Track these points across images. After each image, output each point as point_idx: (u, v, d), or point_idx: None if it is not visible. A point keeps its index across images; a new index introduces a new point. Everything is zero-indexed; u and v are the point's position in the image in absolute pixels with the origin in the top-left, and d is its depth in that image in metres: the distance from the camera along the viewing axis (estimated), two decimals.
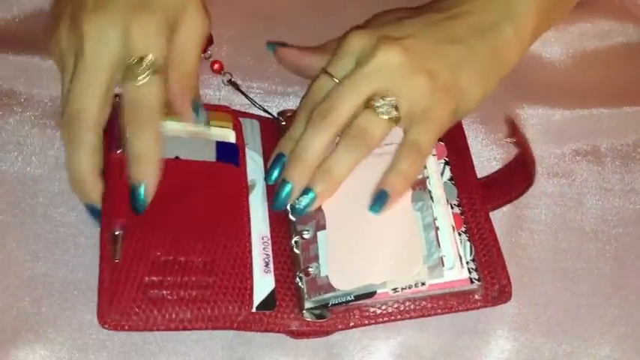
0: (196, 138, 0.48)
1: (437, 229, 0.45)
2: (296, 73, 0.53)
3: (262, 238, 0.47)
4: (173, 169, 0.45)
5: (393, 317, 0.45)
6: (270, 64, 0.56)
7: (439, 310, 0.45)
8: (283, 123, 0.52)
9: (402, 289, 0.44)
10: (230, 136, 0.49)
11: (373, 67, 0.44)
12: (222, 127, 0.49)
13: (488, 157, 0.54)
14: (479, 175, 0.51)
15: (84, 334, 0.46)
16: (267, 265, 0.46)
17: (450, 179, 0.48)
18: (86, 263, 0.48)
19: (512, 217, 0.51)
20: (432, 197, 0.46)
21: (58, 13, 0.47)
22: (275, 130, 0.52)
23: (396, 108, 0.44)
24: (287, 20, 0.59)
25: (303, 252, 0.46)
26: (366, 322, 0.46)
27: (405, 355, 0.47)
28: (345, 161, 0.44)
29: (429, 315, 0.46)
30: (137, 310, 0.42)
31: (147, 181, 0.43)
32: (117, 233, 0.43)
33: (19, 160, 0.50)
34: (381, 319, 0.46)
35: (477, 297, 0.46)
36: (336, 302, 0.44)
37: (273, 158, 0.47)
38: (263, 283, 0.45)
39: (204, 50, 0.55)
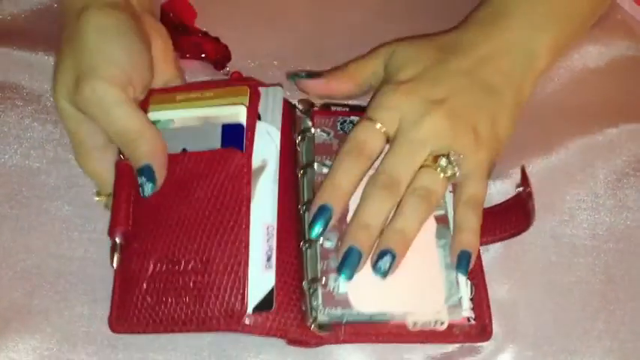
0: (205, 124, 0.46)
1: (457, 274, 0.45)
2: (322, 99, 0.53)
3: (267, 228, 0.44)
4: (179, 164, 0.45)
5: (380, 338, 0.45)
6: (270, 67, 0.57)
7: (425, 339, 0.45)
8: (300, 109, 0.52)
9: (422, 324, 0.44)
10: (240, 115, 0.46)
11: (425, 134, 0.45)
12: (236, 103, 0.47)
13: None
14: None
15: (74, 326, 0.46)
16: (269, 259, 0.43)
17: None
18: (79, 257, 0.49)
19: None
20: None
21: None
22: (289, 111, 0.51)
23: (458, 165, 0.45)
24: (288, 23, 0.59)
25: (321, 261, 0.45)
26: (355, 339, 0.45)
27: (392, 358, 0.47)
28: (416, 222, 0.45)
29: (414, 342, 0.46)
30: (140, 315, 0.42)
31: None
32: (117, 241, 0.44)
33: (18, 153, 0.51)
34: (368, 339, 0.45)
35: (458, 332, 0.46)
36: (350, 320, 0.44)
37: (316, 210, 0.45)
38: (262, 281, 0.43)
39: (222, 67, 0.56)
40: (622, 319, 0.49)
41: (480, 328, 0.46)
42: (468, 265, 0.45)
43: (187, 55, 0.56)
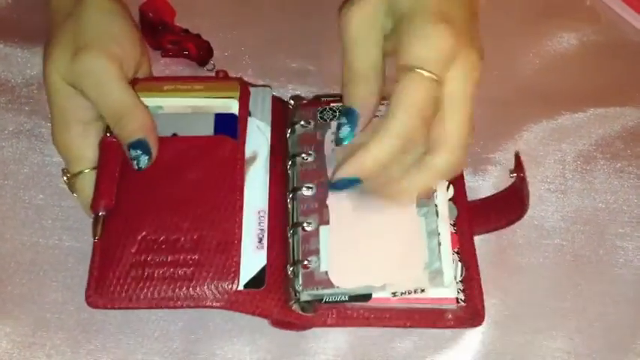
0: (197, 112, 0.47)
1: (439, 243, 0.45)
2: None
3: (259, 212, 0.45)
4: (169, 146, 0.46)
5: (368, 323, 0.46)
6: (243, 56, 0.58)
7: (415, 324, 0.46)
8: (291, 105, 0.52)
9: (402, 293, 0.44)
10: (232, 107, 0.48)
11: (471, 94, 0.42)
12: (227, 97, 0.48)
13: None
14: None
15: (47, 312, 0.47)
16: (260, 240, 0.45)
17: (451, 199, 0.48)
18: (52, 245, 0.49)
19: None
20: (437, 212, 0.46)
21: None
22: (282, 108, 0.52)
23: None
24: (261, 14, 0.60)
25: (302, 244, 0.45)
26: (342, 322, 0.46)
27: (363, 344, 0.48)
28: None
29: (403, 326, 0.46)
30: (122, 289, 0.42)
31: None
32: (100, 214, 0.44)
33: None
34: (356, 323, 0.46)
35: (450, 316, 0.46)
36: (331, 300, 0.45)
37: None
38: (254, 260, 0.44)
39: (206, 63, 0.57)
40: (589, 298, 0.50)
41: (472, 312, 0.46)
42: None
43: (170, 54, 0.57)
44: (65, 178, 0.47)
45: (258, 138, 0.48)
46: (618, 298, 0.50)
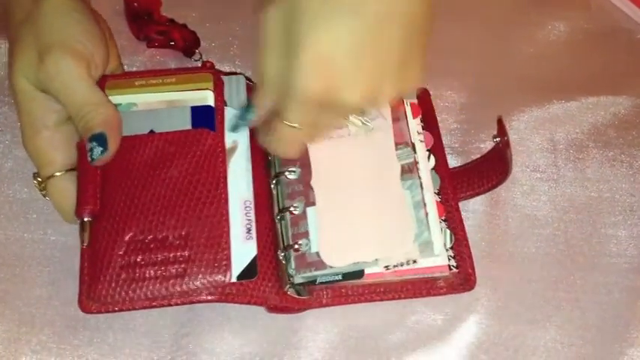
0: (172, 107, 0.47)
1: (427, 213, 0.45)
2: None
3: (244, 203, 0.45)
4: (147, 144, 0.45)
5: (363, 298, 0.46)
6: (231, 46, 0.57)
7: (409, 294, 0.46)
8: None
9: (394, 266, 0.44)
10: (208, 98, 0.47)
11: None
12: (201, 89, 0.48)
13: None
14: None
15: (32, 308, 0.46)
16: (249, 231, 0.44)
17: (433, 168, 0.49)
18: (38, 239, 0.49)
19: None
20: (421, 184, 0.46)
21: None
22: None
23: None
24: (248, 4, 0.59)
25: (292, 227, 0.45)
26: (337, 301, 0.46)
27: (354, 336, 0.47)
28: None
29: (398, 298, 0.46)
30: (114, 292, 0.42)
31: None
32: (85, 220, 0.44)
33: None
34: (352, 300, 0.46)
35: (442, 283, 0.46)
36: (324, 280, 0.45)
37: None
38: (244, 251, 0.44)
39: (193, 53, 0.56)
40: (582, 288, 0.50)
41: (463, 278, 0.46)
42: None
43: (156, 45, 0.56)
44: (36, 182, 0.46)
45: None
46: (611, 288, 0.50)
